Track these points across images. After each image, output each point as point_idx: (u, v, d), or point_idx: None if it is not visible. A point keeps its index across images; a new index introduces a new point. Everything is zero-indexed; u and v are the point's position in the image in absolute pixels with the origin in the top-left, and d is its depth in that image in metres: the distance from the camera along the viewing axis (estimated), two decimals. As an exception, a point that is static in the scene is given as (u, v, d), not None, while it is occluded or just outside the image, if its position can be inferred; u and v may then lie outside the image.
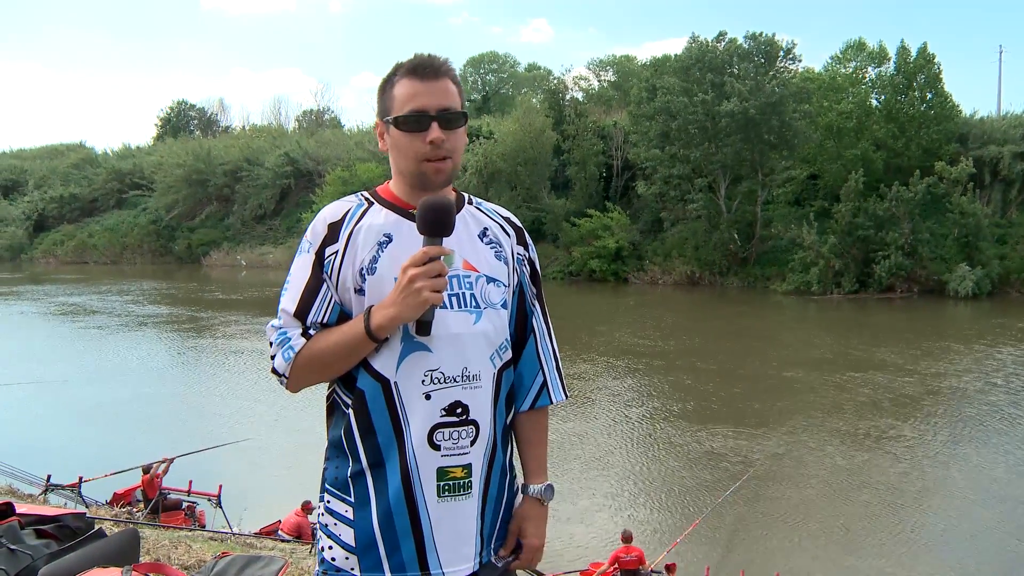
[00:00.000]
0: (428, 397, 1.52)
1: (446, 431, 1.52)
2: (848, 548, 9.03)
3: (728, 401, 15.47)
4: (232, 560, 2.68)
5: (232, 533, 8.16)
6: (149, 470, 9.23)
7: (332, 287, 1.55)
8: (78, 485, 8.99)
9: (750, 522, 9.76)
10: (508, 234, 1.68)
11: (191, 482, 9.52)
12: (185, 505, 9.44)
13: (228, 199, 47.89)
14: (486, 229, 1.65)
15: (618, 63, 57.07)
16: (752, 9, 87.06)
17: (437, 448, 1.52)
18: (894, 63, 34.07)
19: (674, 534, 9.00)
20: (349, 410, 1.55)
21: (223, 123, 65.06)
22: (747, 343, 21.85)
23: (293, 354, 1.52)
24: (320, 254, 1.55)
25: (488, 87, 60.58)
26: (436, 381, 1.52)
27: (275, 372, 1.56)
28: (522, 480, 1.72)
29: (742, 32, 34.49)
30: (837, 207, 30.60)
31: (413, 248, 1.48)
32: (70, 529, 2.70)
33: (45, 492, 8.68)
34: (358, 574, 1.54)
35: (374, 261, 1.54)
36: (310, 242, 1.57)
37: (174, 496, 9.45)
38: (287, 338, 1.54)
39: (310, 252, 1.56)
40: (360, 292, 1.54)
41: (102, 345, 21.89)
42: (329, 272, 1.55)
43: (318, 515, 1.63)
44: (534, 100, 43.09)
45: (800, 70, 35.14)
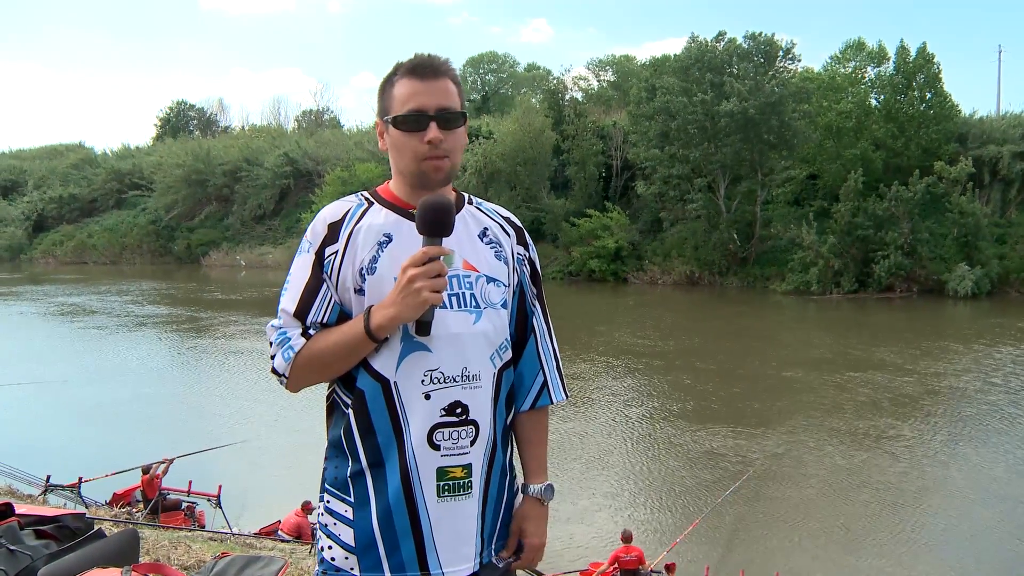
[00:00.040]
0: (428, 397, 1.52)
1: (446, 431, 1.52)
2: (848, 548, 9.03)
3: (728, 401, 15.47)
4: (232, 560, 2.68)
5: (232, 533, 8.16)
6: (149, 470, 9.23)
7: (332, 287, 1.55)
8: (78, 485, 8.99)
9: (750, 522, 9.76)
10: (508, 234, 1.68)
11: (191, 482, 9.51)
12: (185, 505, 9.44)
13: (227, 199, 47.88)
14: (486, 229, 1.65)
15: (617, 63, 57.08)
16: (751, 9, 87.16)
17: (437, 448, 1.52)
18: (893, 63, 34.09)
19: (674, 534, 9.00)
20: (349, 410, 1.55)
21: (222, 123, 65.12)
22: (746, 343, 21.85)
23: (293, 354, 1.52)
24: (320, 254, 1.55)
25: (487, 87, 60.55)
26: (436, 381, 1.52)
27: (275, 372, 1.56)
28: (522, 480, 1.71)
29: (741, 32, 34.58)
30: (836, 207, 30.60)
31: (413, 248, 1.48)
32: (69, 529, 2.70)
33: (45, 492, 8.68)
34: (358, 574, 1.54)
35: (374, 261, 1.54)
36: (310, 242, 1.57)
37: (174, 496, 9.45)
38: (287, 338, 1.54)
39: (310, 252, 1.56)
40: (360, 292, 1.54)
41: (102, 345, 21.88)
42: (329, 272, 1.55)
43: (318, 515, 1.63)
44: (533, 100, 43.10)
45: (799, 70, 35.17)
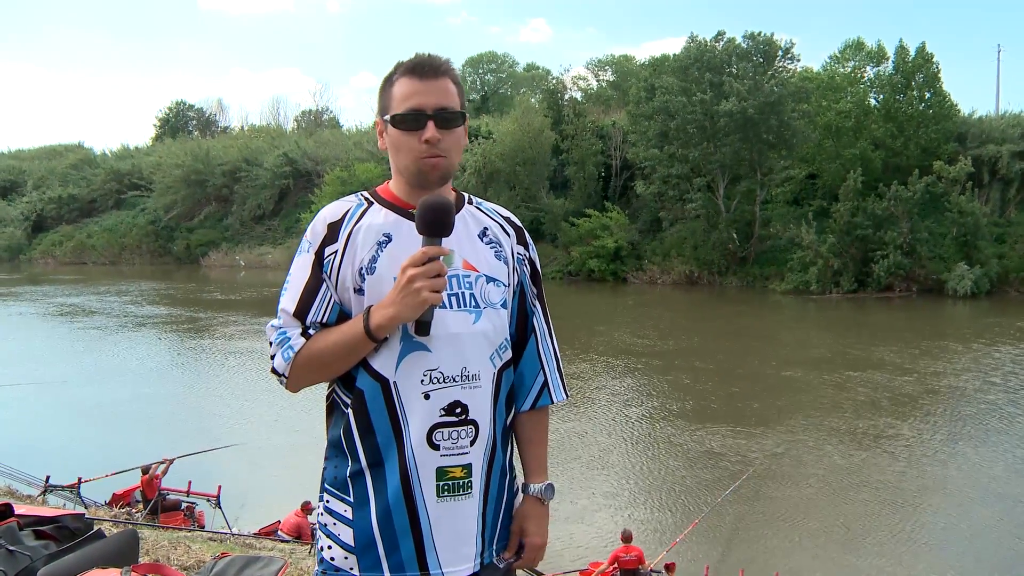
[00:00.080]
0: (427, 397, 1.51)
1: (445, 431, 1.52)
2: (847, 547, 9.03)
3: (727, 400, 15.47)
4: (231, 561, 2.67)
5: (231, 534, 8.16)
6: (148, 471, 9.23)
7: (332, 287, 1.55)
8: (77, 486, 8.97)
9: (749, 521, 9.76)
10: (508, 234, 1.68)
11: (190, 482, 9.51)
12: (184, 506, 9.43)
13: (227, 199, 47.88)
14: (486, 229, 1.65)
15: (617, 63, 57.07)
16: (750, 9, 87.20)
17: (436, 448, 1.52)
18: (892, 62, 34.11)
19: (674, 533, 9.00)
20: (348, 410, 1.55)
21: (222, 123, 65.16)
22: (746, 343, 21.86)
23: (293, 354, 1.52)
24: (320, 254, 1.55)
25: (487, 87, 60.53)
26: (435, 381, 1.52)
27: (275, 372, 1.56)
28: (522, 479, 1.71)
29: (740, 32, 34.57)
30: (836, 206, 30.62)
31: (413, 248, 1.48)
32: (69, 530, 2.69)
33: (44, 493, 8.67)
34: (357, 574, 1.54)
35: (373, 261, 1.54)
36: (310, 242, 1.57)
37: (173, 497, 9.44)
38: (287, 338, 1.54)
39: (310, 252, 1.56)
40: (359, 292, 1.54)
41: (101, 346, 21.88)
42: (328, 272, 1.55)
43: (317, 515, 1.63)
44: (533, 100, 43.07)
45: (799, 70, 35.20)
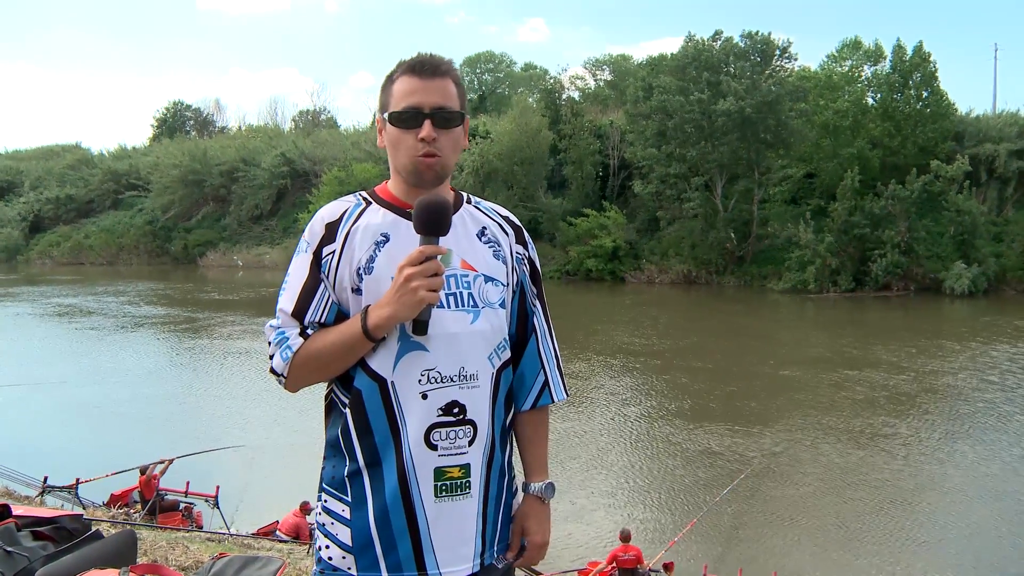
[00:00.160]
0: (425, 396, 1.51)
1: (443, 431, 1.52)
2: (845, 545, 9.04)
3: (725, 400, 15.49)
4: (229, 561, 2.67)
5: (229, 534, 8.16)
6: (146, 471, 9.22)
7: (330, 287, 1.55)
8: (75, 486, 8.95)
9: (747, 520, 9.77)
10: (507, 233, 1.68)
11: (188, 483, 9.49)
12: (182, 506, 9.41)
13: (224, 199, 47.79)
14: (484, 228, 1.65)
15: (614, 62, 57.02)
16: (748, 8, 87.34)
17: (434, 448, 1.52)
18: (890, 61, 34.14)
19: (672, 533, 9.00)
20: (346, 409, 1.55)
21: (219, 123, 64.98)
22: (744, 342, 21.87)
23: (291, 354, 1.52)
24: (318, 254, 1.55)
25: (484, 87, 60.46)
26: (433, 380, 1.52)
27: (273, 372, 1.56)
28: (522, 479, 1.71)
29: (738, 31, 34.44)
30: (833, 205, 30.63)
31: (410, 248, 1.48)
32: (67, 531, 2.69)
33: (42, 494, 8.65)
34: (355, 574, 1.54)
35: (371, 261, 1.54)
36: (308, 242, 1.57)
37: (171, 497, 9.42)
38: (285, 338, 1.54)
39: (308, 252, 1.56)
40: (357, 292, 1.54)
41: (99, 346, 21.84)
42: (326, 272, 1.55)
43: (316, 515, 1.63)
44: (530, 100, 43.05)
45: (796, 69, 35.20)
